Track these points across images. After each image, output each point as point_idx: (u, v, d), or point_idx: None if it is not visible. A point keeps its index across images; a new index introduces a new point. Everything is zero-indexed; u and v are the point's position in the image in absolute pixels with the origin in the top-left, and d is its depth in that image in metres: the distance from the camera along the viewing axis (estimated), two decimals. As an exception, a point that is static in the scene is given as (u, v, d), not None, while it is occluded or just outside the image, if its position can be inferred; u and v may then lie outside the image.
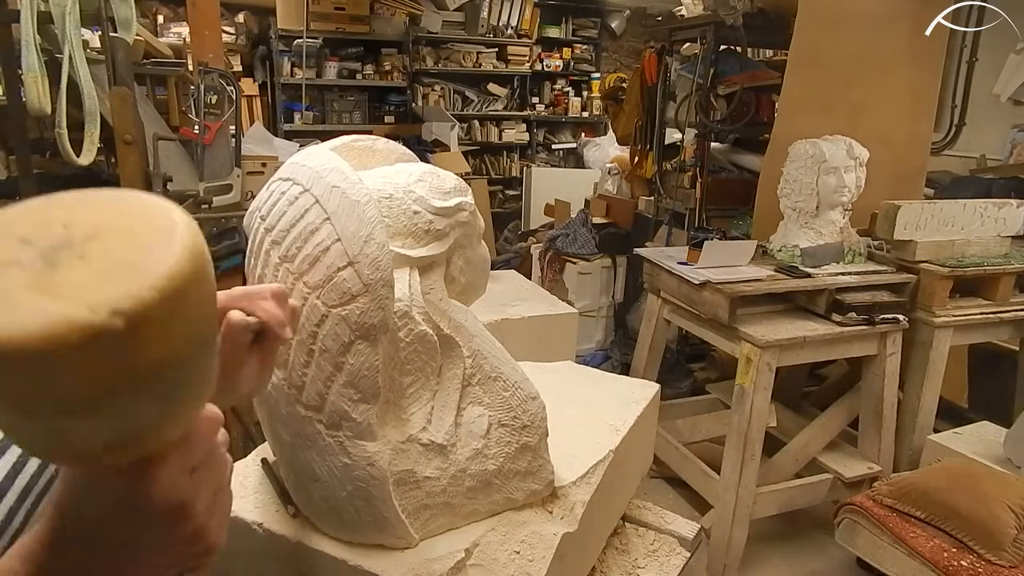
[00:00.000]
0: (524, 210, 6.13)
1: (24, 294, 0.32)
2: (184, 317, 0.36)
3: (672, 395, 3.14)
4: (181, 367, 0.37)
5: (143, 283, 0.34)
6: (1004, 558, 1.85)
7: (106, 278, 0.33)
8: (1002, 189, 3.02)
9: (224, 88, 2.53)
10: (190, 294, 0.36)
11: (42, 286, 0.33)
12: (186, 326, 0.37)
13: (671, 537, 1.28)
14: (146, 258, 0.35)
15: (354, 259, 0.78)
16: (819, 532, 2.54)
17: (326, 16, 5.32)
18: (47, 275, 0.33)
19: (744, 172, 3.52)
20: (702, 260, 2.39)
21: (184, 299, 0.36)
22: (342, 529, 0.90)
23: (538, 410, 0.98)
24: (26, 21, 1.93)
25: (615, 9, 6.72)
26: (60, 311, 0.32)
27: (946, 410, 2.67)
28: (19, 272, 0.33)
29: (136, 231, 0.37)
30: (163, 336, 0.35)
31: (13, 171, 2.15)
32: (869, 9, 2.82)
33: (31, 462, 0.56)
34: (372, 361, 0.81)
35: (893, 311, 2.34)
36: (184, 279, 0.36)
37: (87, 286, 0.33)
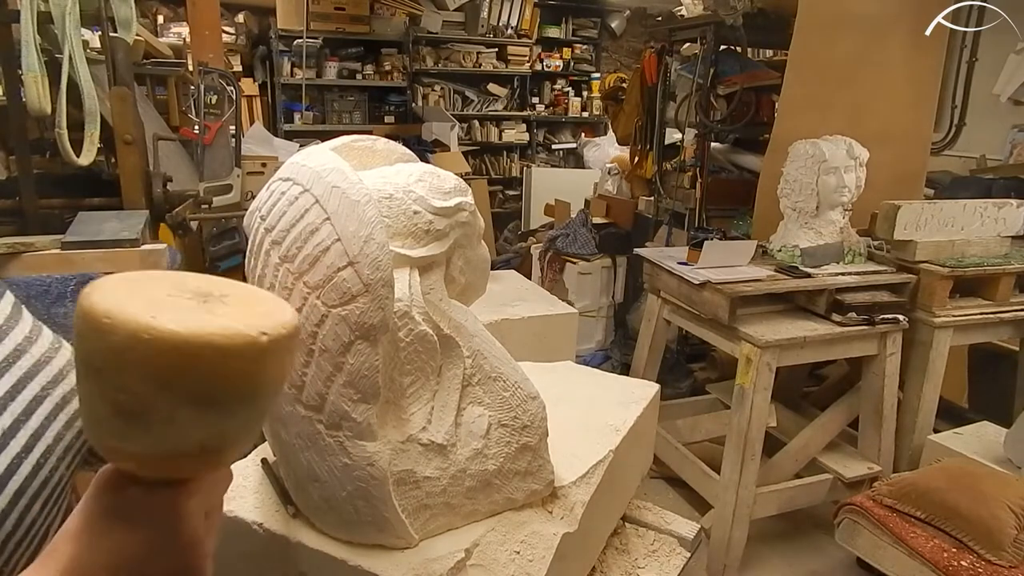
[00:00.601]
0: (524, 210, 6.13)
1: (198, 314, 0.45)
2: (288, 359, 0.49)
3: (672, 395, 3.14)
4: (271, 397, 0.49)
5: (276, 322, 0.47)
6: (1004, 558, 1.85)
7: (249, 316, 0.46)
8: (1002, 189, 3.02)
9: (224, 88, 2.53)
10: (293, 344, 0.49)
11: (207, 312, 0.45)
12: (287, 366, 0.50)
13: (671, 537, 1.28)
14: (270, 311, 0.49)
15: (354, 259, 0.78)
16: (819, 532, 2.54)
17: (326, 16, 5.32)
18: (207, 308, 0.46)
19: (744, 172, 3.52)
20: (702, 260, 2.39)
21: (292, 346, 0.48)
22: (342, 529, 0.90)
23: (538, 410, 0.98)
24: (26, 21, 1.93)
25: (615, 9, 6.72)
26: (229, 324, 0.44)
27: (946, 410, 2.67)
28: (188, 304, 0.46)
29: (255, 298, 0.51)
30: (279, 364, 0.48)
31: (13, 171, 2.15)
32: (869, 9, 2.82)
33: (24, 465, 0.56)
34: (372, 361, 0.80)
35: (893, 311, 2.34)
36: (295, 330, 0.49)
37: (238, 318, 0.45)
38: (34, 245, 1.77)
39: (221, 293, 0.48)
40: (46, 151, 2.22)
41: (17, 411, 0.57)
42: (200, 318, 0.44)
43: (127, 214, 1.98)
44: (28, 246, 1.76)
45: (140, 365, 0.42)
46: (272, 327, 0.45)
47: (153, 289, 0.47)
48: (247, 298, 0.50)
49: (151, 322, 0.41)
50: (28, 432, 0.57)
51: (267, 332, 0.45)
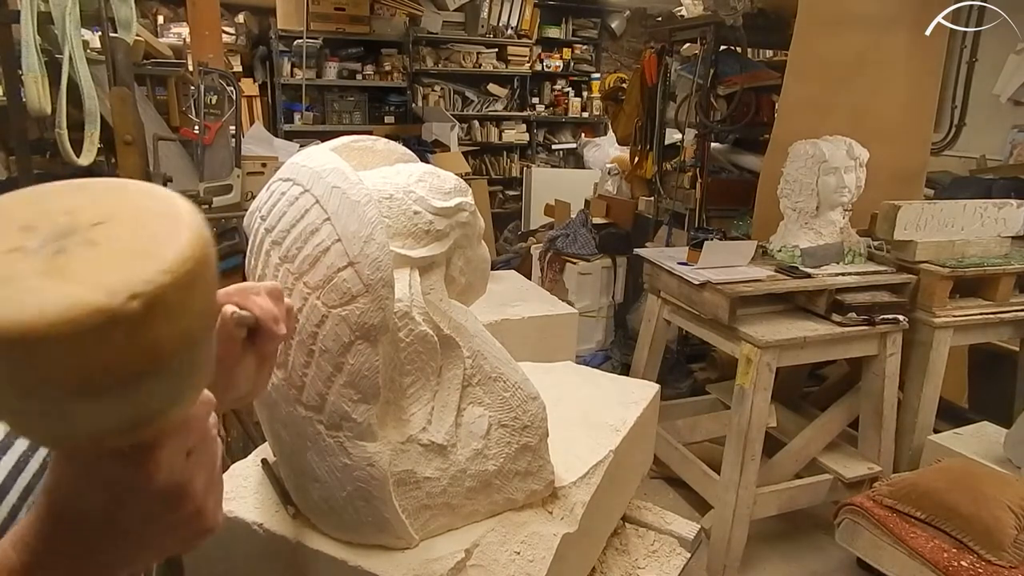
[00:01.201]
0: (524, 210, 6.12)
1: (38, 279, 0.33)
2: (194, 300, 0.37)
3: (672, 395, 3.14)
4: (190, 349, 0.38)
5: (156, 268, 0.34)
6: (1004, 558, 1.85)
7: (119, 263, 0.34)
8: (1002, 189, 3.02)
9: (224, 88, 2.53)
10: (199, 278, 0.37)
11: (55, 271, 0.33)
12: (195, 309, 0.38)
13: (671, 537, 1.28)
14: (156, 244, 0.36)
15: (354, 259, 0.78)
16: (819, 532, 2.54)
17: (326, 16, 5.32)
18: (58, 261, 0.34)
19: (744, 172, 3.52)
20: (702, 260, 2.39)
21: (194, 283, 0.37)
22: (342, 529, 0.90)
23: (538, 410, 0.98)
24: (26, 21, 1.93)
25: (615, 9, 6.72)
26: (78, 295, 0.32)
27: (946, 410, 2.67)
28: (28, 258, 0.34)
29: (141, 218, 0.38)
30: (176, 319, 0.36)
31: (13, 171, 2.15)
32: (869, 10, 2.82)
33: (33, 461, 0.56)
34: (372, 361, 0.81)
35: (893, 311, 2.34)
36: (194, 263, 0.36)
37: (101, 271, 0.34)
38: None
39: (92, 221, 0.36)
40: (46, 151, 2.22)
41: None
42: (41, 292, 0.32)
43: (127, 214, 1.97)
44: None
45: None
46: (150, 279, 0.34)
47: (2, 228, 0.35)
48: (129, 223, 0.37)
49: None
50: None
51: (140, 292, 0.33)
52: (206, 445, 0.47)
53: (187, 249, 0.36)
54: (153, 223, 0.37)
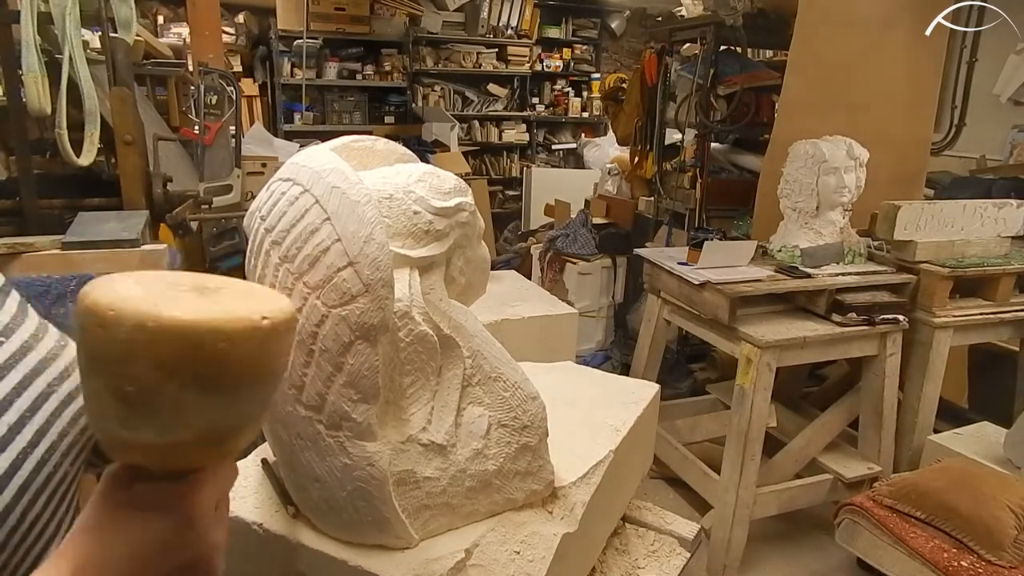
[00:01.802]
0: (524, 210, 6.13)
1: (200, 304, 0.46)
2: (287, 343, 0.51)
3: (672, 395, 3.14)
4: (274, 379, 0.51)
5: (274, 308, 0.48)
6: (1004, 558, 1.85)
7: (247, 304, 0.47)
8: (1002, 189, 3.02)
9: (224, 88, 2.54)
10: (291, 329, 0.51)
11: (208, 303, 0.46)
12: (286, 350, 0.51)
13: (671, 537, 1.28)
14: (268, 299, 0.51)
15: (354, 259, 0.78)
16: (819, 532, 2.54)
17: (326, 16, 5.32)
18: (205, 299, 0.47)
19: (744, 172, 3.52)
20: (702, 260, 2.39)
21: (291, 330, 0.51)
22: (342, 529, 0.90)
23: (538, 410, 0.98)
24: (26, 21, 1.93)
25: (615, 9, 6.72)
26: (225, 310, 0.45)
27: (946, 410, 2.67)
28: (186, 295, 0.47)
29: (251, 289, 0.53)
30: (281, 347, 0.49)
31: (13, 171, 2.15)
32: (869, 10, 2.82)
33: (28, 461, 0.56)
34: (372, 361, 0.80)
35: (893, 311, 2.34)
36: (293, 316, 0.51)
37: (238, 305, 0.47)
38: (34, 245, 1.77)
39: (216, 286, 0.50)
40: (46, 151, 2.22)
41: (23, 407, 0.57)
42: (201, 306, 0.45)
43: (127, 214, 1.98)
44: (28, 246, 1.76)
45: (147, 354, 0.43)
46: (272, 312, 0.47)
47: (151, 284, 0.48)
48: (242, 289, 0.51)
49: (155, 311, 0.42)
50: (33, 428, 0.58)
51: (268, 316, 0.46)
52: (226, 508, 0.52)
53: (289, 306, 0.51)
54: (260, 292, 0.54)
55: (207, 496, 0.47)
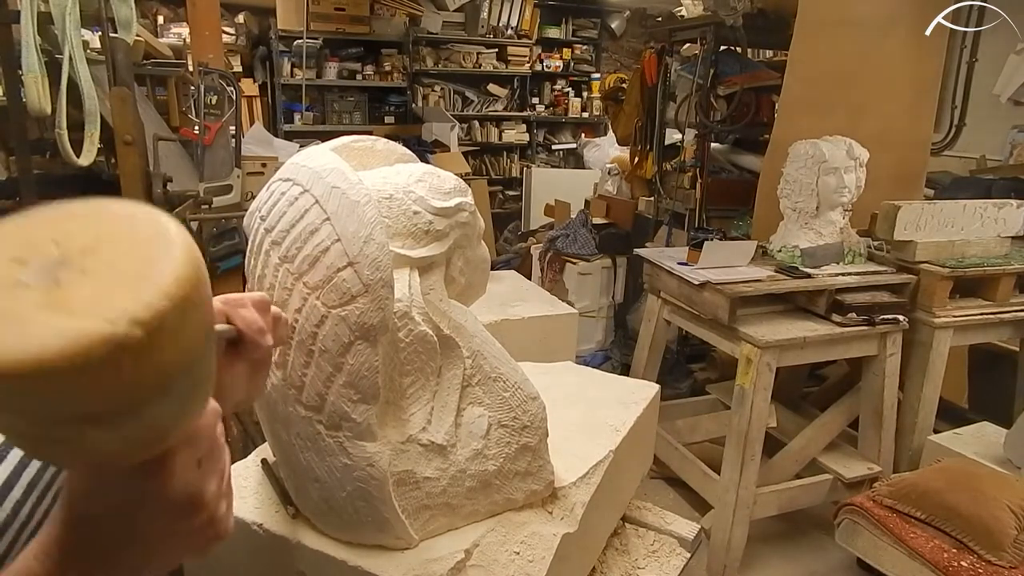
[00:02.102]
0: (524, 210, 6.12)
1: (38, 313, 0.33)
2: (192, 320, 0.38)
3: (672, 395, 3.14)
4: (194, 367, 0.39)
5: (154, 292, 0.35)
6: (1004, 559, 1.85)
7: (115, 290, 0.34)
8: (1002, 190, 3.02)
9: (224, 88, 2.53)
10: (195, 296, 0.38)
11: (53, 304, 0.34)
12: (195, 327, 0.38)
13: (671, 538, 1.28)
14: (150, 267, 0.36)
15: (354, 259, 0.78)
16: (819, 532, 2.54)
17: (326, 17, 5.32)
18: (54, 292, 0.34)
19: (744, 172, 3.52)
20: (702, 260, 2.39)
21: (191, 302, 0.37)
22: (342, 529, 0.90)
23: (538, 411, 0.98)
24: (26, 21, 1.93)
25: (615, 10, 6.72)
26: (80, 327, 0.32)
27: (946, 410, 2.67)
28: (26, 292, 0.34)
29: (130, 241, 0.38)
30: (177, 340, 0.37)
31: (13, 172, 2.15)
32: (869, 10, 2.82)
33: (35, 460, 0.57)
34: (372, 361, 0.80)
35: (893, 311, 2.34)
36: (189, 283, 0.37)
37: (99, 300, 0.34)
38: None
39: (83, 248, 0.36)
40: (46, 151, 2.22)
41: None
42: (44, 325, 0.33)
43: (127, 214, 1.97)
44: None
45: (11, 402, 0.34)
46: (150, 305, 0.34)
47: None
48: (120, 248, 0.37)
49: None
50: None
51: (141, 318, 0.34)
52: (215, 453, 0.49)
53: (182, 270, 0.37)
54: (143, 246, 0.38)
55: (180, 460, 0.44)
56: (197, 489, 0.46)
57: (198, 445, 0.46)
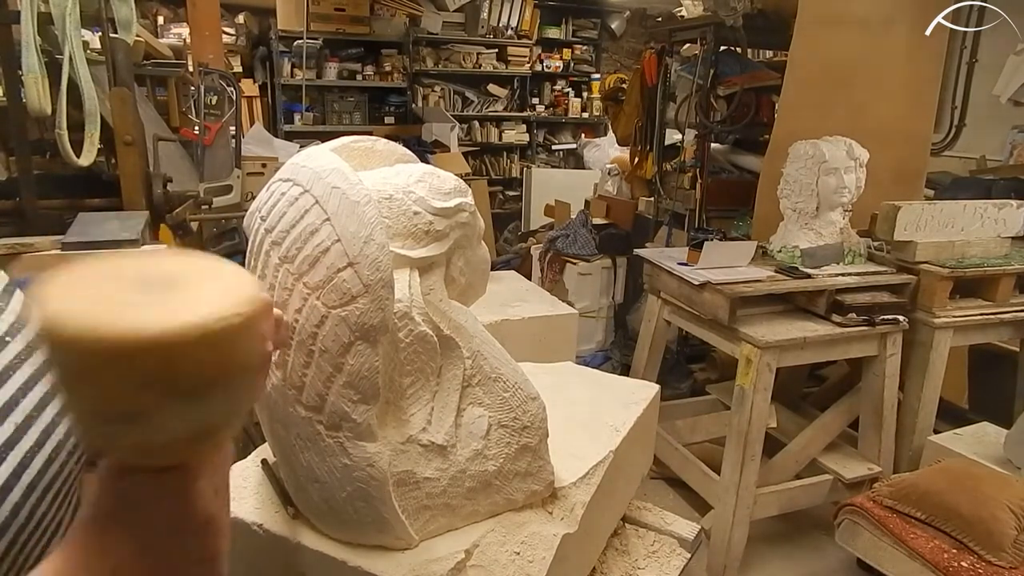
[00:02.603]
0: (524, 211, 6.13)
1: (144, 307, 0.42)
2: (257, 336, 0.47)
3: (672, 396, 3.14)
4: (247, 375, 0.48)
5: (235, 303, 0.44)
6: (1004, 559, 1.85)
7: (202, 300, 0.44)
8: (1002, 190, 3.02)
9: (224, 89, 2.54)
10: (261, 319, 0.47)
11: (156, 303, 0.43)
12: (258, 342, 0.48)
13: (671, 538, 1.28)
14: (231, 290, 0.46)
15: (354, 260, 0.78)
16: (819, 533, 2.54)
17: (326, 17, 5.32)
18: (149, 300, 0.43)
19: (744, 173, 3.52)
20: (702, 261, 2.39)
21: (259, 321, 0.46)
22: (342, 530, 0.90)
23: (538, 411, 0.98)
24: (26, 22, 1.93)
25: (615, 10, 6.72)
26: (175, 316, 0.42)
27: (946, 411, 2.67)
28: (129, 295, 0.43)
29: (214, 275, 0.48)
30: (246, 345, 0.46)
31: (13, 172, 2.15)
32: (869, 10, 2.82)
33: (36, 459, 0.57)
34: (372, 362, 0.80)
35: (893, 312, 2.34)
36: (261, 305, 0.47)
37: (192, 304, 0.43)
38: (34, 246, 1.77)
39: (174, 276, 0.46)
40: (46, 152, 2.22)
41: (29, 407, 0.58)
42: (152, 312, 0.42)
43: (127, 215, 1.98)
44: (28, 247, 1.76)
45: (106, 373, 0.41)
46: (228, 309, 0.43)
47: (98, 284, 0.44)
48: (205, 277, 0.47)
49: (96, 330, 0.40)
50: (40, 427, 0.58)
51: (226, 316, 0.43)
52: (227, 490, 0.51)
53: (255, 294, 0.46)
54: (224, 278, 0.48)
55: (205, 484, 0.47)
56: (215, 513, 0.48)
57: (218, 473, 0.49)
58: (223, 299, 0.44)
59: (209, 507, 0.47)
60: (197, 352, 0.42)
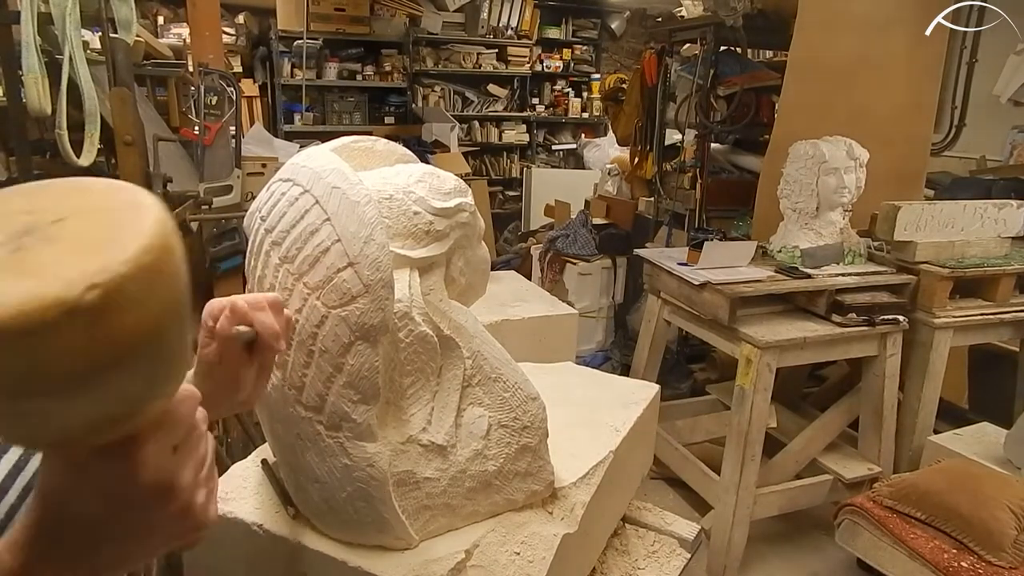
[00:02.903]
0: (524, 211, 6.13)
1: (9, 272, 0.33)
2: (159, 290, 0.37)
3: (672, 396, 3.14)
4: (158, 341, 0.38)
5: (117, 257, 0.34)
6: (1004, 559, 1.85)
7: (79, 256, 0.34)
8: (1002, 190, 3.02)
9: (224, 89, 2.53)
10: (163, 267, 0.36)
11: (11, 268, 0.33)
12: (161, 299, 0.37)
13: (671, 538, 1.28)
14: (118, 235, 0.35)
15: (354, 260, 0.78)
16: (819, 533, 2.54)
17: (326, 17, 5.32)
18: (15, 258, 0.33)
19: (744, 173, 3.52)
20: (702, 261, 2.39)
21: (158, 272, 0.36)
22: (342, 530, 0.90)
23: (538, 411, 0.98)
24: (26, 22, 1.93)
25: (615, 10, 6.72)
26: (34, 289, 0.31)
27: (946, 411, 2.67)
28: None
29: (104, 211, 0.37)
30: (140, 309, 0.35)
31: (13, 172, 2.15)
32: (869, 10, 2.82)
33: (32, 462, 0.57)
34: (372, 362, 0.80)
35: (893, 312, 2.34)
36: (156, 252, 0.36)
37: (60, 265, 0.33)
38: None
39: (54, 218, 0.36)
40: (46, 152, 2.22)
41: None
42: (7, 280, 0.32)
43: (127, 215, 1.98)
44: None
45: None
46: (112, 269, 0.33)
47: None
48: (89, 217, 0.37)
49: None
50: None
51: (98, 282, 0.33)
52: (193, 440, 0.47)
53: (149, 239, 0.36)
54: (116, 216, 0.37)
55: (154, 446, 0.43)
56: (171, 476, 0.44)
57: (173, 431, 0.45)
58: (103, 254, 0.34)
59: (162, 469, 0.44)
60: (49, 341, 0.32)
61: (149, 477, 0.43)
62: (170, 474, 0.45)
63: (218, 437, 2.15)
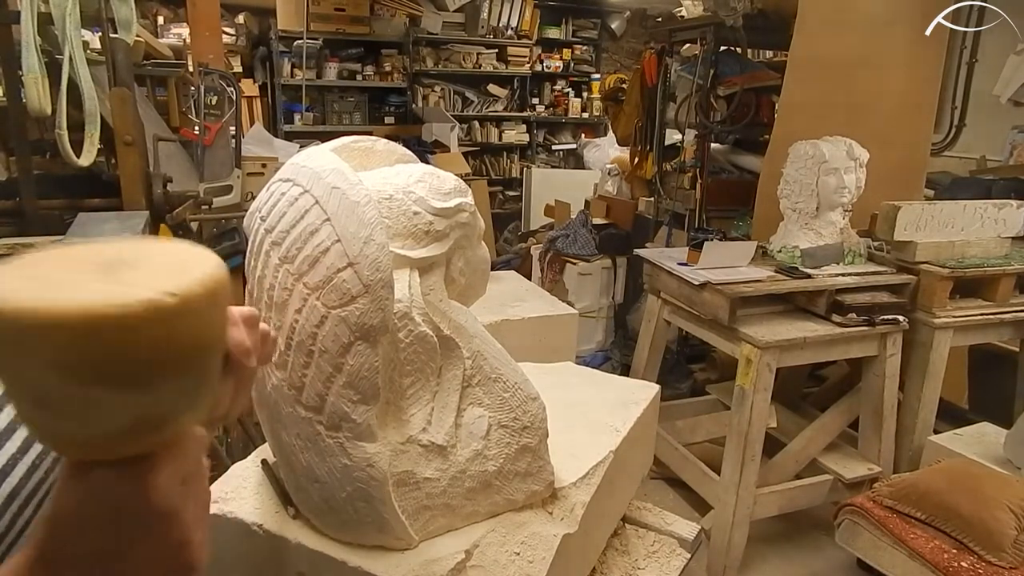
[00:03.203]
0: (524, 211, 6.13)
1: (92, 284, 0.40)
2: (216, 314, 0.45)
3: (672, 396, 3.14)
4: (208, 356, 0.45)
5: (190, 279, 0.42)
6: (1004, 559, 1.85)
7: (159, 278, 0.41)
8: (1002, 190, 3.02)
9: (224, 89, 2.54)
10: (220, 296, 0.44)
11: (106, 280, 0.41)
12: (215, 322, 0.45)
13: (671, 538, 1.28)
14: (188, 268, 0.43)
15: (354, 260, 0.78)
16: (819, 533, 2.54)
17: (326, 17, 5.32)
18: (108, 276, 0.41)
19: (744, 173, 3.52)
20: (702, 261, 2.39)
21: (216, 299, 0.44)
22: (342, 530, 0.90)
23: (538, 411, 0.98)
24: (26, 22, 1.93)
25: (615, 10, 6.72)
26: (127, 291, 0.39)
27: (946, 411, 2.67)
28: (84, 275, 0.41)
29: (172, 254, 0.46)
30: (202, 323, 0.43)
31: (13, 172, 2.15)
32: (869, 10, 2.82)
33: (18, 468, 0.56)
34: (372, 362, 0.80)
35: (893, 312, 2.34)
36: (218, 283, 0.44)
37: (144, 281, 0.41)
38: (34, 246, 1.77)
39: (134, 257, 0.43)
40: (46, 152, 2.23)
41: (13, 413, 0.57)
42: (96, 290, 0.39)
43: (127, 215, 1.98)
44: (28, 247, 1.76)
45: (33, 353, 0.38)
46: (184, 285, 0.41)
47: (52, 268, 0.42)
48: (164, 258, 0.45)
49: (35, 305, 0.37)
50: (22, 434, 0.57)
51: (175, 292, 0.40)
52: (198, 478, 0.49)
53: (212, 271, 0.44)
54: (183, 257, 0.46)
55: (167, 476, 0.45)
56: (176, 505, 0.45)
57: (184, 460, 0.46)
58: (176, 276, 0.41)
59: (170, 499, 0.45)
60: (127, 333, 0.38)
61: (160, 501, 0.44)
62: (177, 503, 0.46)
63: (218, 437, 2.15)
